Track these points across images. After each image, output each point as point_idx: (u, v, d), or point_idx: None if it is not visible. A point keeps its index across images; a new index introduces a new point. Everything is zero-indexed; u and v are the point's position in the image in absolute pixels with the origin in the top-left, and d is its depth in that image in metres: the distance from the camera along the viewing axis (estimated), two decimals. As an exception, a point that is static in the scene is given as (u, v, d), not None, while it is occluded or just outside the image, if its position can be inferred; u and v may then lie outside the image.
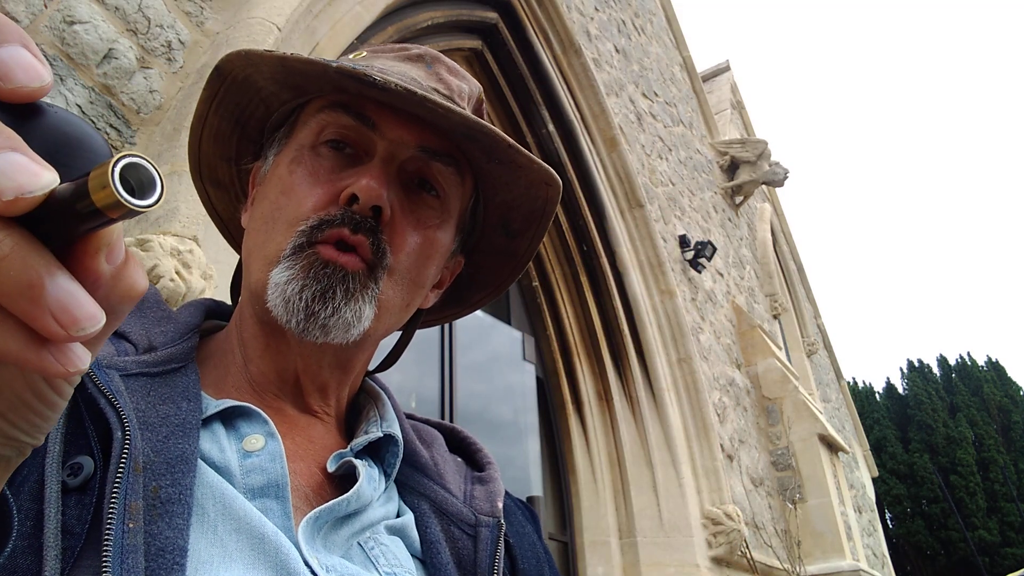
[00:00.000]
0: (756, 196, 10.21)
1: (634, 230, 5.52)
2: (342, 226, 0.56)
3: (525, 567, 0.63)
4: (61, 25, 1.99)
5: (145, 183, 0.24)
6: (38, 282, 0.23)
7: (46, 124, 0.25)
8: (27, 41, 0.25)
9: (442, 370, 4.06)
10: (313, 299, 0.55)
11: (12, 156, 0.23)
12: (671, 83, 8.15)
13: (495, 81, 4.85)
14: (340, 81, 0.59)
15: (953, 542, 21.49)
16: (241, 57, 0.61)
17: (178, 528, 0.43)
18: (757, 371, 7.03)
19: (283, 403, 0.61)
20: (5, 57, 0.24)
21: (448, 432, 0.74)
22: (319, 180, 0.60)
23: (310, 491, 0.55)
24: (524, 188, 0.67)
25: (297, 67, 0.60)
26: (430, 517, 0.60)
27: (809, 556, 6.04)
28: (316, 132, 0.62)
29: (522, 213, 0.70)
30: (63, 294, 0.23)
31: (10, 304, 0.23)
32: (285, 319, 0.56)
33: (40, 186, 0.23)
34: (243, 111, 0.67)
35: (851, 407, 11.74)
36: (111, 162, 0.23)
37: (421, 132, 0.61)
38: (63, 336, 0.23)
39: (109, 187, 0.23)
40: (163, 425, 0.48)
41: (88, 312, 0.24)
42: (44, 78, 0.25)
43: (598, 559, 4.54)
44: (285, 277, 0.56)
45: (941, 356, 26.99)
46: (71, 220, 0.23)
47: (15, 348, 0.23)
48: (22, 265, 0.22)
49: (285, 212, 0.59)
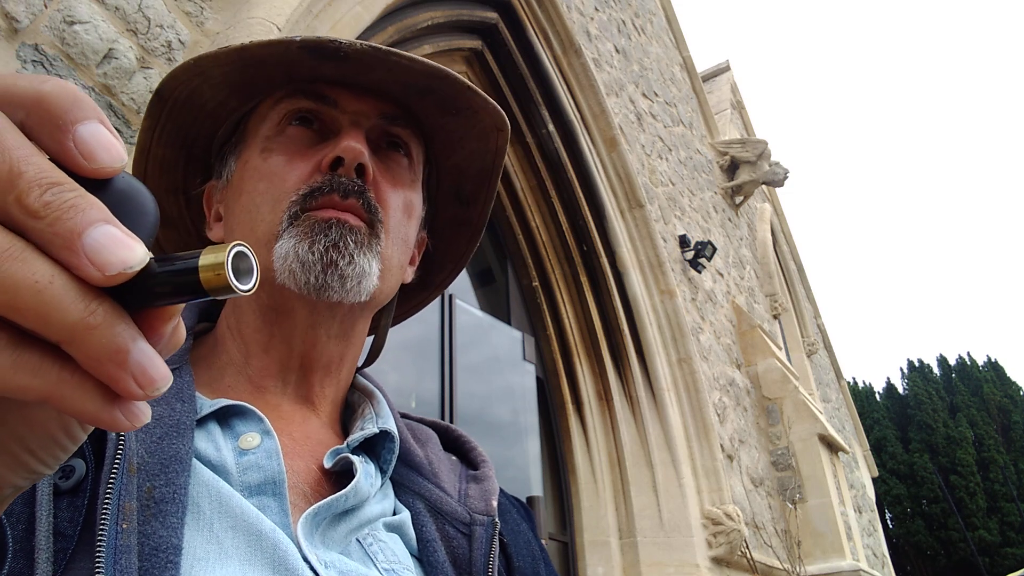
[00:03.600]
0: (756, 196, 10.21)
1: (634, 230, 5.51)
2: (331, 193, 0.58)
3: (520, 565, 0.63)
4: (61, 25, 1.99)
5: (243, 270, 0.26)
6: (124, 348, 0.24)
7: (115, 191, 0.26)
8: (102, 116, 0.26)
9: (442, 371, 4.06)
10: (326, 249, 0.56)
11: (109, 229, 0.24)
12: (671, 83, 8.15)
13: (495, 81, 4.85)
14: (296, 62, 0.61)
15: (953, 542, 21.49)
16: (183, 70, 0.62)
17: (172, 527, 0.43)
18: (757, 371, 7.03)
19: (282, 398, 0.61)
20: (87, 137, 0.25)
21: (442, 431, 0.74)
22: (296, 156, 0.62)
23: (307, 488, 0.55)
24: (475, 142, 0.70)
25: (257, 54, 0.60)
26: (425, 516, 0.60)
27: (809, 556, 6.04)
28: (277, 121, 0.64)
29: (473, 175, 0.73)
30: (144, 358, 0.24)
31: (96, 368, 0.24)
32: (304, 280, 0.56)
33: (138, 261, 0.24)
34: (187, 132, 0.67)
35: (851, 407, 11.74)
36: (227, 251, 0.25)
37: (376, 102, 0.64)
38: (141, 396, 0.25)
39: (223, 274, 0.25)
40: (157, 426, 0.48)
41: (163, 373, 0.25)
42: (123, 157, 0.26)
43: (598, 559, 4.54)
44: (292, 243, 0.57)
45: (941, 356, 27.01)
46: (161, 294, 0.25)
47: (93, 408, 0.24)
48: (111, 333, 0.24)
49: (269, 194, 0.60)
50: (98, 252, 0.23)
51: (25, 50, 1.89)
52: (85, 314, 0.23)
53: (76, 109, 0.25)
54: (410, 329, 4.03)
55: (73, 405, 0.24)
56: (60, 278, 0.23)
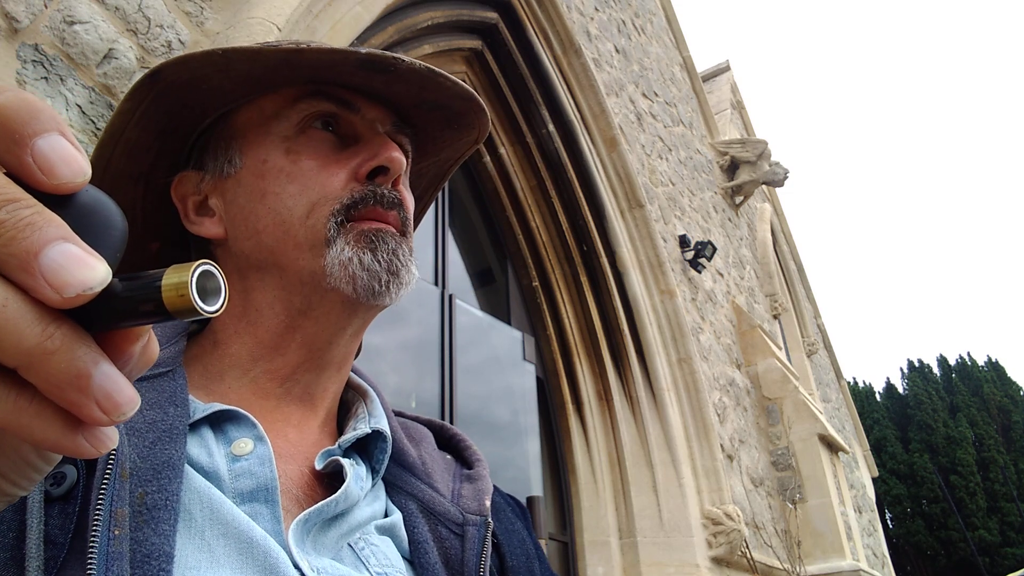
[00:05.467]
0: (756, 196, 10.21)
1: (634, 230, 5.51)
2: (375, 205, 0.60)
3: (514, 564, 0.63)
4: (61, 25, 1.98)
5: (210, 290, 0.25)
6: (86, 372, 0.23)
7: (78, 205, 0.25)
8: (63, 127, 0.25)
9: (442, 371, 4.06)
10: (391, 259, 0.58)
11: (68, 248, 0.23)
12: (671, 83, 8.15)
13: (495, 81, 4.85)
14: (356, 74, 0.61)
15: (953, 542, 21.49)
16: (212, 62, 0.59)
17: (164, 534, 0.42)
18: (757, 371, 7.03)
19: (282, 400, 0.60)
20: (46, 150, 0.24)
21: (437, 429, 0.74)
22: (328, 161, 0.61)
23: (300, 492, 0.55)
24: (451, 151, 0.73)
25: (312, 59, 0.60)
26: (417, 517, 0.60)
27: (809, 556, 6.04)
28: (297, 122, 0.62)
29: (428, 178, 0.76)
30: (108, 382, 0.23)
31: (57, 394, 0.23)
32: (366, 286, 0.57)
33: (99, 281, 0.23)
34: (172, 119, 0.63)
35: (851, 407, 11.74)
36: (191, 271, 0.24)
37: (388, 110, 0.65)
38: (105, 421, 0.23)
39: (188, 296, 0.23)
40: (149, 431, 0.48)
41: (129, 397, 0.24)
42: (86, 171, 0.25)
43: (598, 559, 4.54)
44: (352, 251, 0.58)
45: (941, 356, 27.01)
46: (124, 314, 0.24)
47: (53, 436, 0.23)
48: (71, 358, 0.22)
49: (304, 197, 0.60)
50: (56, 273, 0.22)
51: (25, 50, 1.89)
52: (42, 338, 0.22)
53: (34, 121, 0.24)
54: (410, 329, 4.04)
55: (32, 434, 0.23)
56: (14, 301, 0.22)
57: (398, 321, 3.91)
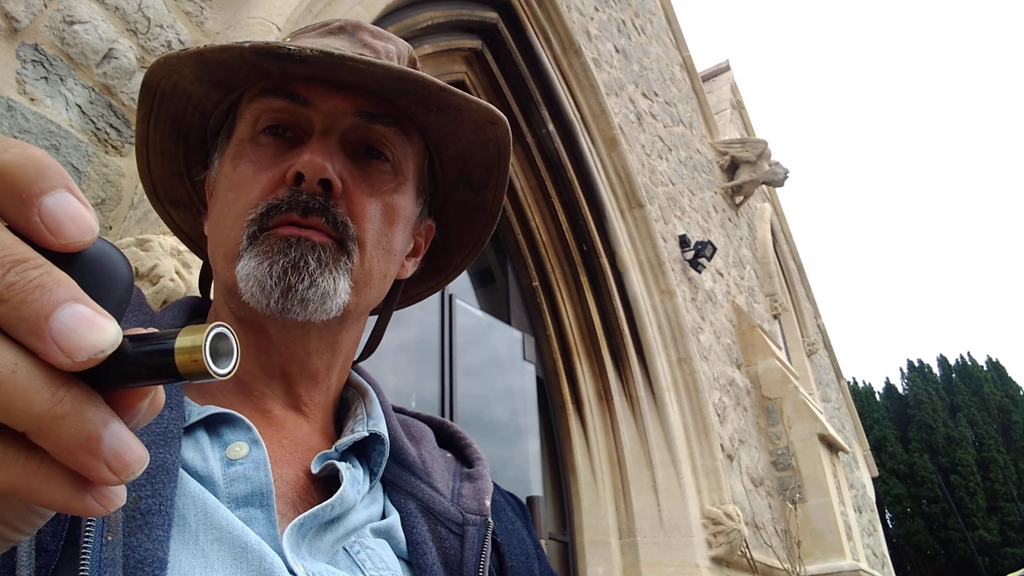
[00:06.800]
0: (756, 196, 10.20)
1: (634, 230, 5.51)
2: (291, 211, 0.55)
3: (514, 564, 0.62)
4: (61, 25, 1.98)
5: (223, 352, 0.24)
6: (96, 435, 0.22)
7: (85, 259, 0.24)
8: (70, 183, 0.24)
9: (442, 371, 4.05)
10: (285, 272, 0.54)
11: (79, 309, 0.22)
12: (671, 83, 8.14)
13: (495, 81, 4.85)
14: (260, 63, 0.58)
15: (953, 542, 21.48)
16: (161, 65, 0.60)
17: (158, 540, 0.42)
18: (757, 371, 7.02)
19: (271, 402, 0.60)
20: (54, 209, 0.23)
21: (438, 426, 0.73)
22: (263, 167, 0.59)
23: (296, 496, 0.54)
24: (472, 134, 0.66)
25: (214, 58, 0.59)
26: (416, 517, 0.59)
27: (809, 556, 6.04)
28: (252, 123, 0.61)
29: (479, 163, 0.70)
30: (117, 443, 0.23)
31: (67, 458, 0.22)
32: (264, 303, 0.55)
33: (109, 344, 0.22)
34: (180, 123, 0.65)
35: (851, 407, 11.74)
36: (204, 335, 0.23)
37: (354, 99, 0.60)
38: (114, 481, 0.23)
39: (201, 360, 0.23)
40: (144, 434, 0.47)
41: (138, 456, 0.23)
42: (94, 228, 0.24)
43: (598, 559, 4.54)
44: (252, 264, 0.55)
45: (941, 356, 27.00)
46: (135, 376, 0.24)
47: (61, 498, 0.23)
48: (80, 420, 0.22)
49: (235, 206, 0.58)
50: (66, 336, 0.22)
51: (25, 50, 1.89)
52: (52, 403, 0.22)
53: (40, 179, 0.23)
54: (410, 329, 4.03)
55: (40, 497, 0.23)
56: (24, 366, 0.22)
57: (398, 321, 3.90)
